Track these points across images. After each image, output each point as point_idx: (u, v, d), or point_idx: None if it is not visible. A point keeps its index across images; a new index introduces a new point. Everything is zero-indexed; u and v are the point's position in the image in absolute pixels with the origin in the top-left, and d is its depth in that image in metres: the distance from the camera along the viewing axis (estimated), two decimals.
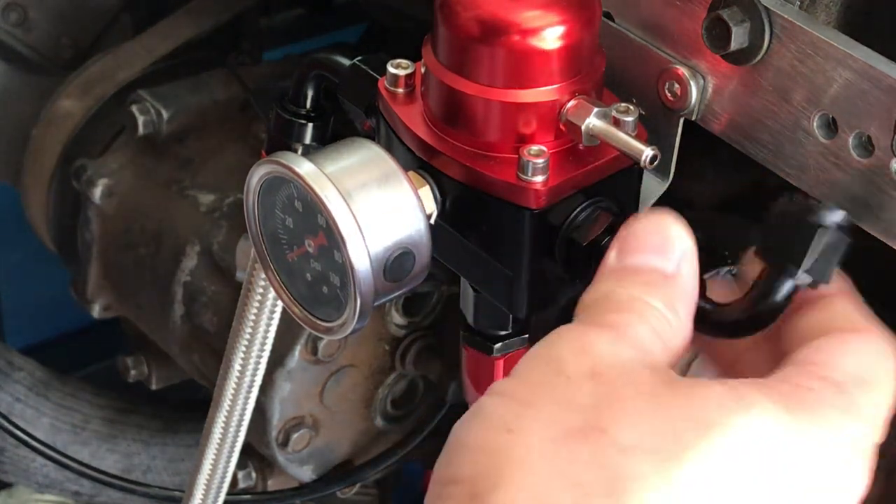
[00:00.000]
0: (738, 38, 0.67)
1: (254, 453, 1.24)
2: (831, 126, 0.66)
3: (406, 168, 0.70)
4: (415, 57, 0.73)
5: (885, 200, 0.65)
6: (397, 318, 1.18)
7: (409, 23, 1.12)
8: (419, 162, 0.72)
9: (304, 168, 0.66)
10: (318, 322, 0.72)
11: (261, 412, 1.15)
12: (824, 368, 0.58)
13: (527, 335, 0.80)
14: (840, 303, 0.64)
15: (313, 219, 0.68)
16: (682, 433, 0.53)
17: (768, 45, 0.67)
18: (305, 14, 1.46)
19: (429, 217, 0.70)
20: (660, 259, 0.61)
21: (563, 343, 0.58)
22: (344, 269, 0.67)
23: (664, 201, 0.77)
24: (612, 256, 0.63)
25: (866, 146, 0.65)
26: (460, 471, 0.53)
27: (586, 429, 0.52)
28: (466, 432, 0.55)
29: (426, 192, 0.71)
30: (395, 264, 0.68)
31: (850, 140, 0.65)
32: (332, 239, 0.67)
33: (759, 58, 0.67)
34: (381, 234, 0.67)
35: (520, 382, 0.56)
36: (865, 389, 0.58)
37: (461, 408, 0.83)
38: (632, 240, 0.62)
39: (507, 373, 0.80)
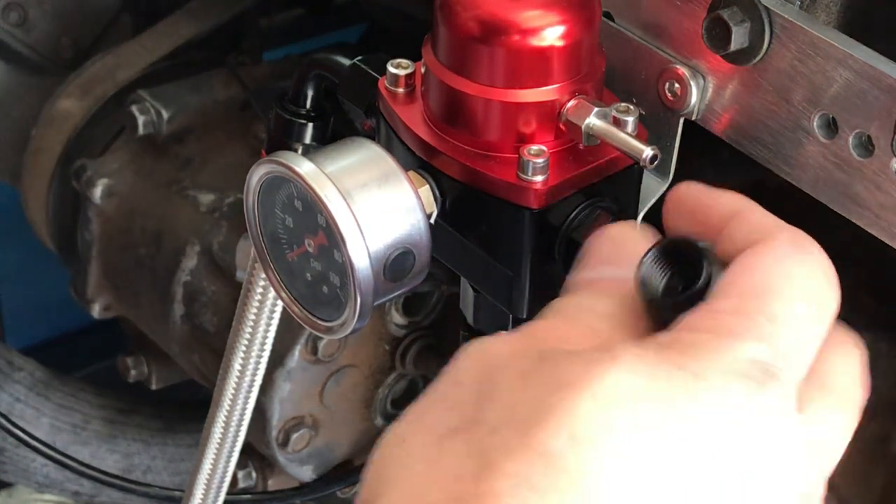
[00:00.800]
0: (739, 38, 0.67)
1: (254, 453, 1.24)
2: (831, 126, 0.66)
3: (406, 168, 0.70)
4: (415, 57, 0.73)
5: (886, 200, 0.65)
6: (397, 317, 1.18)
7: (409, 23, 1.12)
8: (419, 161, 0.72)
9: (304, 167, 0.66)
10: (318, 322, 0.72)
11: (261, 412, 1.15)
12: (713, 303, 0.54)
13: None
14: (730, 231, 0.58)
15: (313, 218, 0.68)
16: (546, 397, 0.51)
17: (768, 46, 0.67)
18: (305, 14, 1.46)
19: (429, 216, 0.70)
20: (608, 269, 0.59)
21: (466, 354, 0.56)
22: (344, 268, 0.67)
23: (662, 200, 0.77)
24: (569, 274, 0.61)
25: (866, 146, 0.65)
26: (361, 489, 0.54)
27: (463, 424, 0.52)
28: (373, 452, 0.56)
29: (426, 192, 0.71)
30: (395, 264, 0.68)
31: (851, 140, 0.65)
32: (332, 238, 0.67)
33: (759, 58, 0.67)
34: (381, 234, 0.67)
35: (422, 398, 0.56)
36: (762, 302, 0.53)
37: None
38: (587, 255, 0.61)
39: None
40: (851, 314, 0.99)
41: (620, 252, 0.60)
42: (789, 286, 0.54)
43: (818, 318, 0.55)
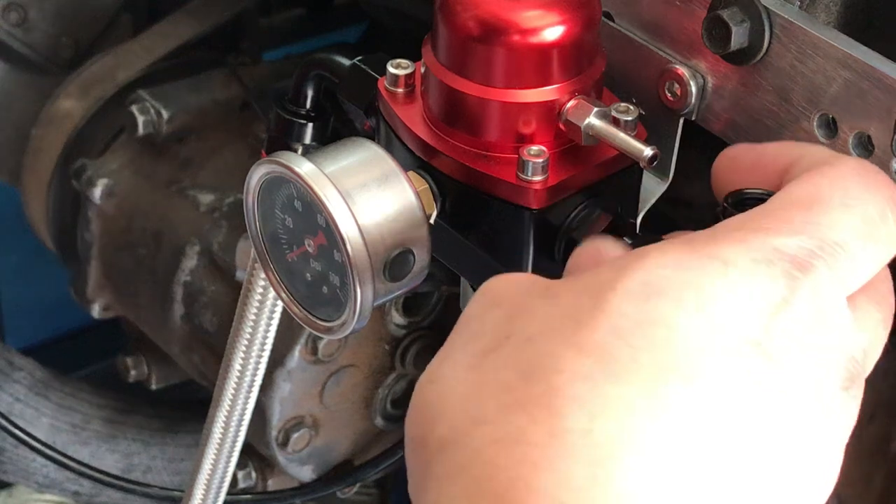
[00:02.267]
0: (738, 38, 0.67)
1: (254, 453, 1.24)
2: (831, 126, 0.66)
3: (406, 168, 0.70)
4: (415, 57, 0.73)
5: None
6: (397, 317, 1.18)
7: (409, 23, 1.12)
8: (419, 162, 0.72)
9: (304, 168, 0.66)
10: (318, 322, 0.72)
11: (261, 412, 1.15)
12: (757, 209, 0.55)
13: None
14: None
15: (313, 218, 0.68)
16: (578, 303, 0.52)
17: (768, 46, 0.67)
18: (305, 14, 1.46)
19: (428, 217, 0.70)
20: None
21: (482, 290, 0.58)
22: (344, 268, 0.67)
23: (664, 201, 0.77)
24: None
25: (866, 146, 0.65)
26: (408, 432, 0.54)
27: (497, 343, 0.53)
28: None
29: (426, 192, 0.71)
30: (394, 264, 0.68)
31: (851, 140, 0.65)
32: (331, 239, 0.67)
33: (759, 58, 0.67)
34: (381, 234, 0.67)
35: (448, 339, 0.57)
36: (810, 211, 0.53)
37: None
38: (567, 272, 0.61)
39: None
40: None
41: (599, 259, 0.60)
42: (841, 199, 0.54)
43: (870, 235, 0.54)
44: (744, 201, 0.60)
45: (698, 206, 1.08)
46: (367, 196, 0.67)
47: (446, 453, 0.50)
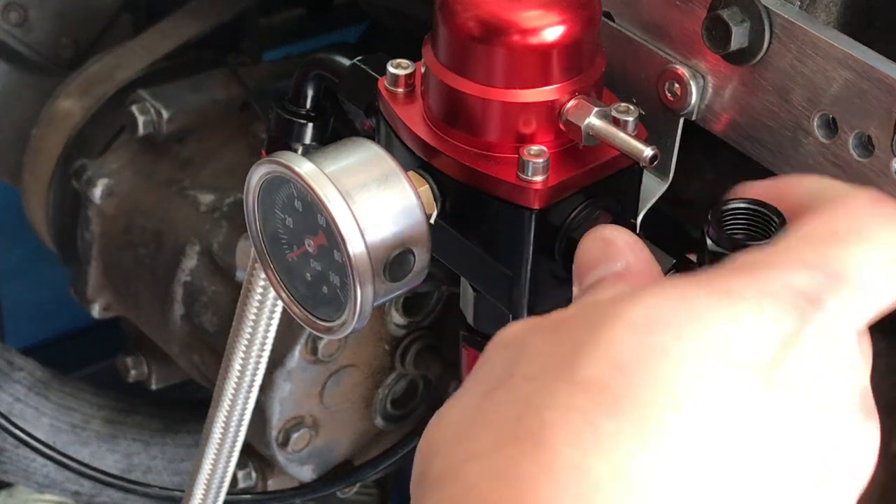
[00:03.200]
0: (738, 38, 0.67)
1: (254, 453, 1.24)
2: (831, 126, 0.66)
3: (406, 168, 0.70)
4: (415, 57, 0.73)
5: None
6: (397, 317, 1.18)
7: (409, 23, 1.12)
8: (419, 162, 0.72)
9: (304, 167, 0.66)
10: (318, 322, 0.72)
11: (261, 412, 1.15)
12: (768, 245, 0.54)
13: None
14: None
15: (313, 218, 0.68)
16: (579, 339, 0.51)
17: (768, 46, 0.67)
18: (305, 14, 1.46)
19: (429, 217, 0.70)
20: (606, 266, 0.59)
21: (492, 340, 0.56)
22: (344, 268, 0.67)
23: (665, 200, 0.77)
24: (573, 290, 0.61)
25: (866, 146, 0.65)
26: (413, 474, 0.53)
27: (499, 382, 0.52)
28: None
29: (426, 192, 0.71)
30: (395, 264, 0.68)
31: (851, 140, 0.65)
32: (332, 239, 0.67)
33: (759, 58, 0.67)
34: (381, 234, 0.67)
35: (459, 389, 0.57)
36: (824, 246, 0.52)
37: None
38: (578, 266, 0.61)
39: None
40: None
41: (603, 247, 0.60)
42: (857, 234, 0.52)
43: (886, 270, 0.52)
44: (723, 215, 0.61)
45: (699, 205, 1.08)
46: (368, 196, 0.67)
47: (442, 488, 0.50)
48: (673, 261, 0.69)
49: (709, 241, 0.64)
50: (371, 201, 0.67)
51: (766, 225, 0.64)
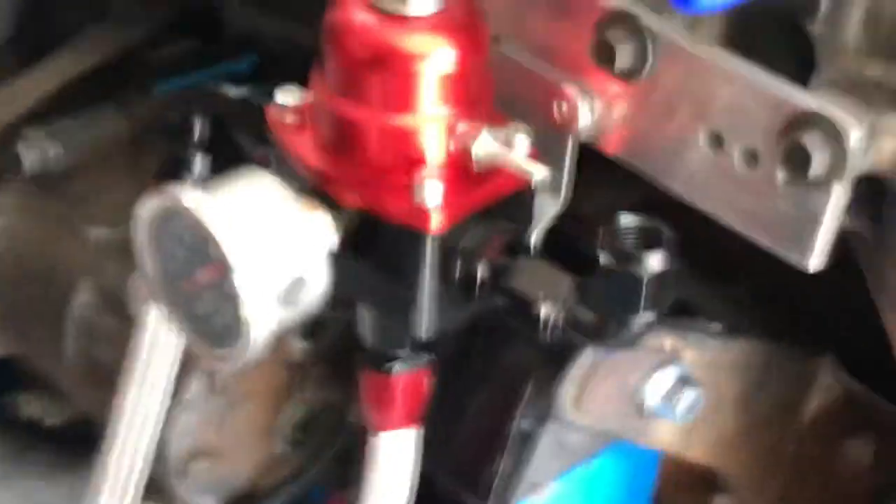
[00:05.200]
0: (624, 57, 0.68)
1: (154, 486, 1.22)
2: (718, 140, 0.67)
3: (299, 196, 0.70)
4: (307, 84, 0.73)
5: (772, 211, 0.66)
6: (297, 343, 1.17)
7: (300, 51, 1.12)
8: (312, 190, 0.71)
9: (193, 200, 0.66)
10: (214, 353, 0.71)
11: (159, 445, 1.13)
12: None
13: (427, 355, 0.80)
14: None
15: (205, 250, 0.67)
16: None
17: (653, 64, 0.68)
18: (197, 45, 1.45)
19: (324, 244, 0.70)
20: None
21: None
22: (237, 299, 0.66)
23: (560, 217, 0.78)
24: None
25: (752, 158, 0.66)
26: None
27: None
28: None
29: (321, 220, 0.71)
30: (290, 294, 0.67)
31: (737, 153, 0.66)
32: (224, 270, 0.67)
33: (644, 76, 0.68)
34: (275, 263, 0.66)
35: None
36: None
37: (364, 433, 0.83)
38: None
39: (406, 393, 0.81)
40: (747, 321, 1.00)
41: None
42: None
43: None
44: (615, 231, 0.63)
45: (594, 221, 1.09)
46: (259, 225, 0.66)
47: None
48: (568, 278, 0.69)
49: (601, 257, 0.65)
50: (263, 231, 0.66)
51: (655, 239, 0.65)
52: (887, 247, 0.69)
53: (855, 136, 0.62)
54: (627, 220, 0.66)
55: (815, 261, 0.66)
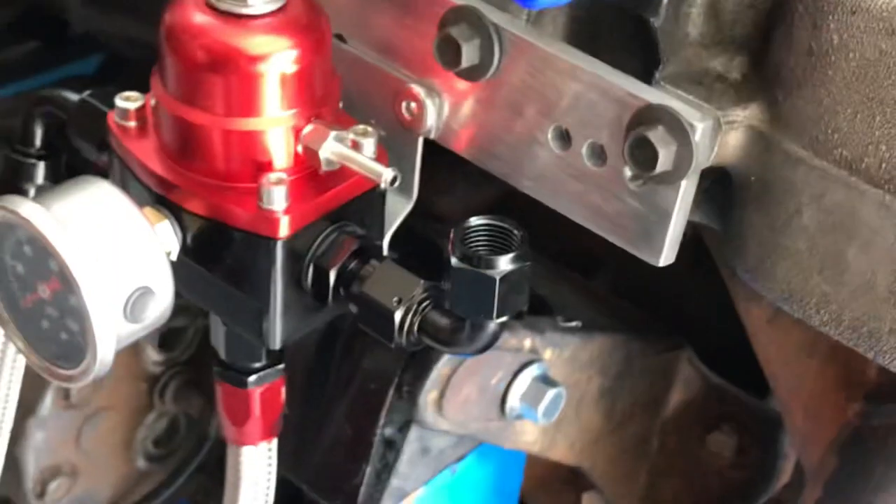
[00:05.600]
0: (469, 54, 0.67)
1: None
2: (565, 137, 0.67)
3: (142, 204, 0.67)
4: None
5: (620, 207, 0.66)
6: (153, 354, 1.14)
7: (147, 51, 1.09)
8: (156, 197, 0.70)
9: (30, 211, 0.63)
10: (59, 370, 0.69)
11: (14, 463, 1.10)
12: None
13: (282, 365, 0.79)
14: None
15: (45, 263, 0.65)
16: None
17: (499, 61, 0.67)
18: (40, 46, 1.41)
19: (168, 254, 0.68)
20: None
21: None
22: (81, 313, 0.64)
23: (415, 217, 0.77)
24: None
25: (599, 155, 0.66)
26: None
27: None
28: None
29: (165, 228, 0.69)
30: (135, 305, 0.65)
31: (584, 150, 0.66)
32: (65, 283, 0.64)
33: (490, 74, 0.68)
34: (118, 275, 0.64)
35: None
36: None
37: (225, 443, 0.81)
38: None
39: (263, 405, 0.79)
40: (605, 316, 1.01)
41: None
42: None
43: None
44: (465, 233, 0.63)
45: (451, 220, 1.08)
46: (100, 236, 0.64)
47: None
48: (421, 282, 0.68)
49: (453, 259, 0.64)
50: (104, 241, 0.64)
51: (507, 239, 0.64)
52: (735, 238, 0.69)
53: (700, 130, 0.61)
54: (478, 221, 0.65)
55: (665, 256, 0.66)
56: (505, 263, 0.63)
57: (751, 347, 0.91)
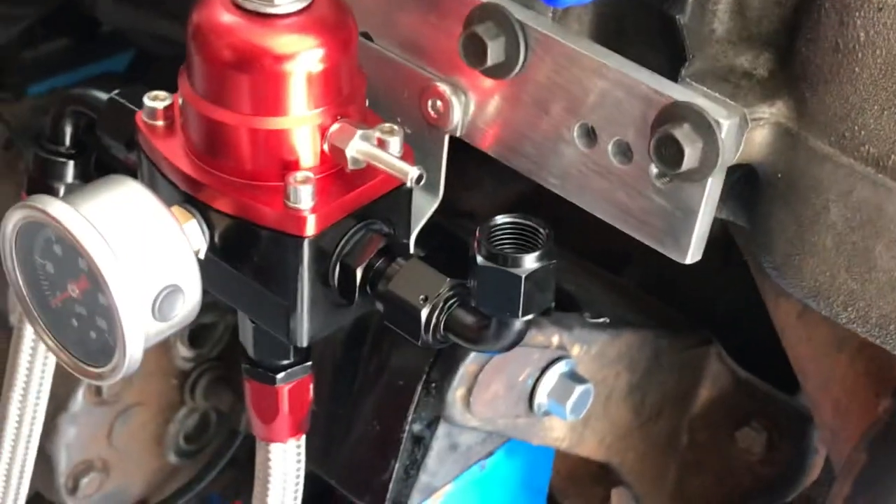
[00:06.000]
0: (495, 52, 0.67)
1: (44, 502, 1.20)
2: (591, 135, 0.67)
3: (170, 203, 0.68)
4: None
5: (647, 205, 0.66)
6: (183, 350, 1.15)
7: (176, 49, 1.10)
8: (184, 196, 0.70)
9: (60, 210, 0.64)
10: (89, 368, 0.69)
11: (46, 459, 1.11)
12: None
13: (310, 363, 0.79)
14: None
15: (74, 262, 0.65)
16: None
17: (524, 59, 0.67)
18: (72, 44, 1.42)
19: (197, 252, 0.68)
20: None
21: None
22: (110, 312, 0.64)
23: (441, 214, 0.77)
24: None
25: (625, 152, 0.66)
26: None
27: None
28: None
29: (192, 227, 0.69)
30: (163, 303, 0.66)
31: (610, 147, 0.66)
32: (94, 282, 0.65)
33: (516, 71, 0.68)
34: (146, 274, 0.65)
35: None
36: None
37: (255, 437, 0.82)
38: None
39: (292, 402, 0.79)
40: (633, 312, 1.01)
41: None
42: None
43: None
44: (491, 231, 0.63)
45: (479, 216, 1.08)
46: (129, 235, 0.64)
47: None
48: (447, 279, 0.68)
49: (478, 258, 0.64)
50: (133, 240, 0.64)
51: (533, 237, 0.64)
52: (762, 235, 0.69)
53: (726, 127, 0.61)
54: (504, 219, 0.65)
55: (692, 254, 0.65)
56: (530, 262, 0.64)
57: (780, 343, 0.91)
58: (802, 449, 1.03)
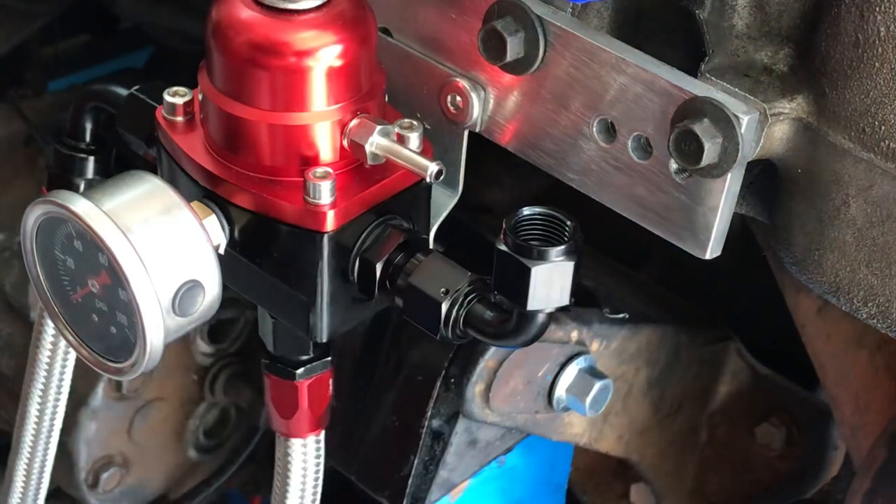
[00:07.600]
0: (514, 48, 0.67)
1: (64, 496, 1.20)
2: (610, 130, 0.67)
3: (190, 198, 0.68)
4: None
5: (667, 200, 0.66)
6: (203, 346, 1.15)
7: (195, 45, 1.10)
8: (204, 191, 0.70)
9: (80, 206, 0.64)
10: (109, 363, 0.69)
11: (67, 454, 1.11)
12: None
13: (329, 358, 0.79)
14: None
15: (95, 258, 0.66)
16: None
17: (544, 54, 0.67)
18: (91, 40, 1.42)
19: (216, 248, 0.68)
20: None
21: None
22: (130, 307, 0.65)
23: (461, 209, 0.77)
24: None
25: (645, 148, 0.66)
26: None
27: None
28: None
29: (212, 222, 0.69)
30: (183, 299, 0.66)
31: (629, 143, 0.66)
32: (115, 277, 0.65)
33: (535, 67, 0.68)
34: (167, 269, 0.65)
35: None
36: None
37: (275, 433, 0.82)
38: None
39: (311, 397, 0.79)
40: (652, 308, 1.00)
41: None
42: None
43: None
44: (517, 223, 0.63)
45: (498, 211, 1.09)
46: (149, 230, 0.65)
47: None
48: (468, 274, 0.68)
49: (505, 249, 0.64)
50: (153, 236, 0.65)
51: (559, 229, 0.64)
52: (782, 230, 0.69)
53: (746, 122, 0.61)
54: (529, 211, 0.65)
55: (712, 249, 0.65)
56: (545, 255, 0.63)
57: (799, 338, 0.90)
58: (822, 444, 1.03)
